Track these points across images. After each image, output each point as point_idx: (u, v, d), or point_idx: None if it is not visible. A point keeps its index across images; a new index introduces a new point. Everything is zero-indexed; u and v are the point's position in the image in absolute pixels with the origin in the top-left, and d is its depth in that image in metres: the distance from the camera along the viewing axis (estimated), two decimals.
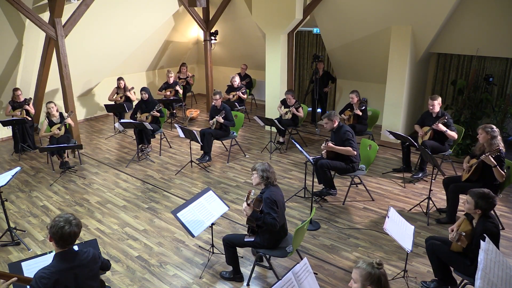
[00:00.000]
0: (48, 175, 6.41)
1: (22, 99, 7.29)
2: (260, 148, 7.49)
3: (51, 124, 6.52)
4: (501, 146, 4.33)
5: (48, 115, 6.52)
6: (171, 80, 9.02)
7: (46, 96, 8.17)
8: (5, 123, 6.84)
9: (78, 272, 2.55)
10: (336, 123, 5.20)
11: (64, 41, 6.50)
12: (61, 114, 6.59)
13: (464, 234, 3.24)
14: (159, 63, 10.72)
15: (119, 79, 8.60)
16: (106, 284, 3.11)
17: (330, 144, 5.10)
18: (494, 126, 4.42)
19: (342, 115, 6.91)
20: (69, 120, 6.58)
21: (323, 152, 5.29)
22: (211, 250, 4.24)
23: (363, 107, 6.69)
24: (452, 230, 3.39)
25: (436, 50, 7.37)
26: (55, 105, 6.53)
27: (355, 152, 5.08)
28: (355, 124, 6.72)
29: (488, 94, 6.87)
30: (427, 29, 6.68)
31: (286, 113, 7.29)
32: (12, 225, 4.67)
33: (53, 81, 7.84)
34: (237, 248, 3.77)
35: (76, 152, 7.06)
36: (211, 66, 9.70)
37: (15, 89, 7.20)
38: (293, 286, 2.53)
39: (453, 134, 5.53)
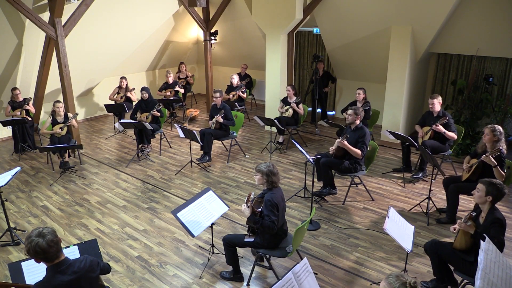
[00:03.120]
0: (48, 175, 6.41)
1: (21, 98, 7.28)
2: (260, 148, 7.49)
3: (54, 122, 6.52)
4: (503, 147, 4.33)
5: (54, 113, 6.53)
6: (171, 80, 9.03)
7: (46, 96, 8.16)
8: (5, 123, 6.84)
9: (74, 285, 2.42)
10: (358, 121, 5.26)
11: (64, 41, 6.50)
12: (66, 114, 6.59)
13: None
14: (159, 63, 10.72)
15: (122, 78, 8.59)
16: (106, 284, 3.11)
17: (345, 142, 5.08)
18: (501, 129, 4.40)
19: (344, 114, 6.90)
20: (73, 122, 6.58)
21: (331, 148, 5.29)
22: (211, 250, 4.24)
23: (367, 107, 6.69)
24: (455, 229, 3.39)
25: (436, 50, 7.37)
26: (63, 105, 6.54)
27: (361, 156, 5.11)
28: None
29: (488, 94, 6.87)
30: (427, 29, 6.68)
31: (287, 110, 7.28)
32: (12, 225, 4.67)
33: (53, 81, 7.84)
34: (237, 248, 3.77)
35: (76, 152, 7.06)
36: (211, 66, 9.69)
37: (14, 89, 7.18)
38: (293, 286, 2.53)
39: (452, 135, 5.52)
